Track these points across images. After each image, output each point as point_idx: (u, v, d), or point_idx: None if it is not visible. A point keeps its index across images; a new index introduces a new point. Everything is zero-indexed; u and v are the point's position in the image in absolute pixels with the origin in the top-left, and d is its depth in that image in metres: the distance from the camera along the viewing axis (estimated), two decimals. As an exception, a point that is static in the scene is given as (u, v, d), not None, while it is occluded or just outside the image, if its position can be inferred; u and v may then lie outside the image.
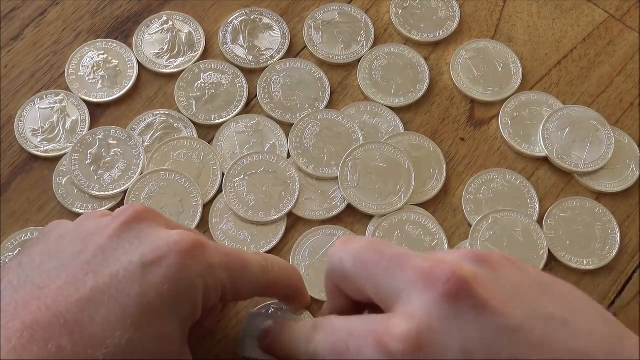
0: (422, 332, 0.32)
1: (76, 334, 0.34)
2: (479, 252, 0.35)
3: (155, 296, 0.36)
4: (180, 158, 0.52)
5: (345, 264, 0.37)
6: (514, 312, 0.32)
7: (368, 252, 0.36)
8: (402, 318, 0.33)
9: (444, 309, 0.32)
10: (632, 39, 0.58)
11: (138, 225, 0.38)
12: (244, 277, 0.40)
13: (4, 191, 0.51)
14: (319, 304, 0.48)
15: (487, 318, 0.32)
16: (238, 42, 0.57)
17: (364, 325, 0.34)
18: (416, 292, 0.33)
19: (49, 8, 0.58)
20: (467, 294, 0.32)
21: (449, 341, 0.32)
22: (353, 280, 0.37)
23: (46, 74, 0.55)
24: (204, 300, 0.38)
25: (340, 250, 0.37)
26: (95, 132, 0.53)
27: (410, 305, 0.33)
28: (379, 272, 0.35)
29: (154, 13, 0.58)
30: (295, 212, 0.51)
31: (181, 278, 0.36)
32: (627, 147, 0.54)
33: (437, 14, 0.59)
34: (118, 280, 0.36)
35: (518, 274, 0.35)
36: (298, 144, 0.53)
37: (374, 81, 0.56)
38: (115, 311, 0.35)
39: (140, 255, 0.36)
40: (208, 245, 0.39)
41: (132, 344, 0.35)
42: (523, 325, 0.32)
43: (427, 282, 0.33)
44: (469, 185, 0.52)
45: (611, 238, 0.51)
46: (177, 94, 0.54)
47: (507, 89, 0.56)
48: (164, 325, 0.36)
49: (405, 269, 0.34)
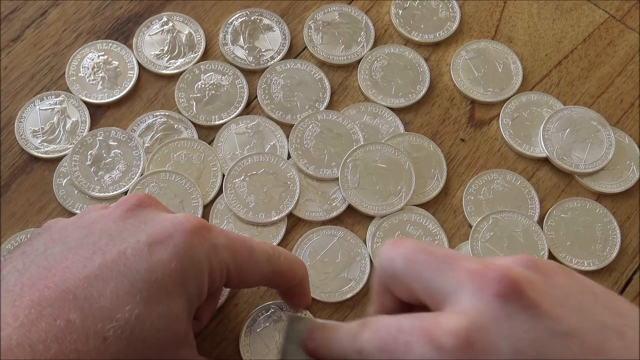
0: (473, 330, 0.31)
1: (85, 308, 0.34)
2: (532, 258, 0.35)
3: (163, 273, 0.36)
4: (181, 159, 0.52)
5: (396, 264, 0.36)
6: (566, 316, 0.32)
7: (418, 253, 0.36)
8: (452, 315, 0.32)
9: (495, 309, 0.32)
10: (633, 40, 0.58)
11: (142, 211, 0.39)
12: (249, 262, 0.40)
13: (4, 192, 0.51)
14: (320, 305, 0.48)
15: (539, 320, 0.31)
16: (238, 43, 0.57)
17: (414, 322, 0.34)
18: (467, 292, 0.33)
19: (49, 9, 0.58)
20: (518, 295, 0.32)
21: (500, 340, 0.31)
22: (403, 280, 0.36)
23: (46, 75, 0.55)
24: (209, 282, 0.38)
25: (390, 250, 0.37)
26: (96, 133, 0.53)
27: (461, 304, 0.33)
28: (429, 272, 0.35)
29: (154, 14, 0.58)
30: (295, 213, 0.51)
31: (188, 256, 0.37)
32: (627, 147, 0.54)
33: (437, 14, 0.59)
34: (126, 257, 0.36)
35: (572, 282, 0.35)
36: (298, 145, 0.53)
37: (374, 82, 0.56)
38: (125, 286, 0.35)
39: (147, 234, 0.37)
40: (213, 227, 0.39)
41: (142, 319, 0.35)
42: (576, 330, 0.31)
43: (479, 282, 0.33)
44: (470, 186, 0.52)
45: (611, 239, 0.51)
46: (177, 95, 0.54)
47: (507, 89, 0.56)
48: (172, 302, 0.36)
49: (456, 269, 0.34)
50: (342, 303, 0.48)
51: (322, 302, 0.48)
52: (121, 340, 0.34)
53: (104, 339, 0.34)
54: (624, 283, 0.50)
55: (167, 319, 0.36)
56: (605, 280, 0.50)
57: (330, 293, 0.48)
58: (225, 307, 0.48)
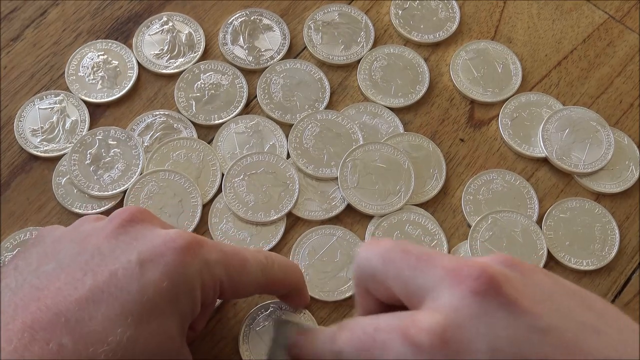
0: (449, 327, 0.31)
1: (77, 332, 0.34)
2: (509, 257, 0.35)
3: (155, 293, 0.36)
4: (180, 158, 0.52)
5: (373, 263, 0.36)
6: (544, 313, 0.32)
7: (395, 251, 0.36)
8: (429, 312, 0.32)
9: (472, 306, 0.32)
10: (632, 40, 0.58)
11: (134, 227, 0.39)
12: (242, 275, 0.40)
13: (4, 191, 0.51)
14: (319, 304, 0.48)
15: (517, 317, 0.31)
16: (238, 42, 0.57)
17: (391, 321, 0.34)
18: (444, 289, 0.33)
19: (49, 9, 0.58)
20: (496, 292, 0.32)
21: (477, 338, 0.31)
22: (381, 280, 0.36)
23: (46, 75, 0.55)
24: (202, 297, 0.38)
25: (368, 250, 0.37)
26: (95, 132, 0.53)
27: (438, 302, 0.33)
28: (407, 270, 0.35)
29: (154, 14, 0.58)
30: (294, 212, 0.51)
31: (179, 274, 0.37)
32: (626, 148, 0.54)
33: (437, 15, 0.59)
34: (117, 279, 0.36)
35: (550, 281, 0.34)
36: (298, 145, 0.53)
37: (373, 82, 0.56)
38: (115, 308, 0.35)
39: (138, 253, 0.37)
40: (205, 242, 0.39)
41: (134, 341, 0.35)
42: (554, 327, 0.31)
43: (456, 278, 0.33)
44: (469, 185, 0.52)
45: (610, 239, 0.51)
46: (176, 95, 0.54)
47: (506, 89, 0.56)
48: (165, 321, 0.36)
49: (433, 266, 0.34)
50: (341, 302, 0.48)
51: (321, 301, 0.48)
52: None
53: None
54: (622, 282, 0.50)
55: (159, 338, 0.36)
56: (604, 280, 0.50)
57: (329, 292, 0.48)
58: (224, 307, 0.48)
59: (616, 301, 0.49)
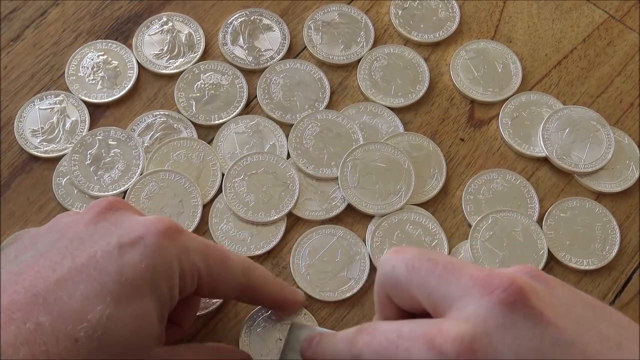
0: (477, 337, 0.31)
1: (55, 310, 0.34)
2: (535, 268, 0.35)
3: (134, 274, 0.36)
4: (180, 158, 0.52)
5: (398, 271, 0.36)
6: (568, 327, 0.32)
7: (421, 260, 0.35)
8: (456, 321, 0.32)
9: (499, 316, 0.32)
10: (632, 40, 0.58)
11: (113, 214, 0.39)
12: (222, 270, 0.40)
13: (4, 191, 0.51)
14: (319, 304, 0.48)
15: (542, 329, 0.31)
16: (238, 42, 0.57)
17: (415, 328, 0.33)
18: (472, 299, 0.33)
19: (49, 9, 0.58)
20: (524, 303, 0.32)
21: (503, 348, 0.31)
22: (405, 288, 0.36)
23: (46, 75, 0.55)
24: (180, 285, 0.38)
25: (393, 258, 0.36)
26: (95, 132, 0.53)
27: (465, 311, 0.32)
28: (432, 279, 0.34)
29: (154, 14, 0.58)
30: (295, 212, 0.51)
31: (158, 257, 0.37)
32: (626, 147, 0.54)
33: (437, 14, 0.59)
34: (96, 260, 0.36)
35: (572, 294, 0.35)
36: (298, 145, 0.53)
37: (373, 82, 0.56)
38: (95, 288, 0.35)
39: (117, 237, 0.37)
40: (185, 231, 0.39)
41: (113, 320, 0.35)
42: (577, 340, 0.31)
43: (484, 289, 0.32)
44: (469, 185, 0.52)
45: (611, 238, 0.51)
46: (176, 95, 0.54)
47: (507, 89, 0.56)
48: (143, 304, 0.36)
49: (460, 276, 0.34)
50: (342, 302, 0.48)
51: (322, 301, 0.48)
52: (93, 341, 0.34)
53: (75, 340, 0.34)
54: (623, 282, 0.50)
55: (138, 320, 0.36)
56: (605, 280, 0.50)
57: (329, 292, 0.48)
58: (225, 307, 0.48)
59: (616, 301, 0.49)
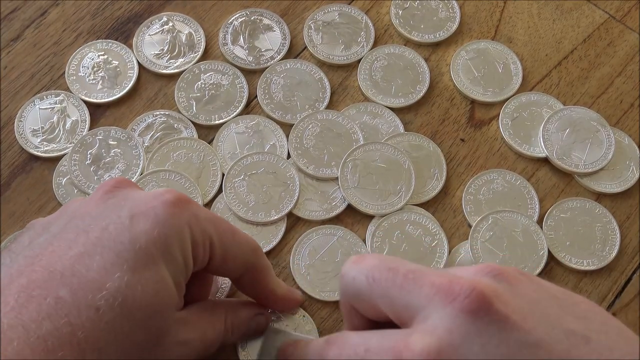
0: (444, 348, 0.31)
1: (74, 283, 0.34)
2: (495, 267, 0.35)
3: (147, 241, 0.36)
4: (180, 158, 0.52)
5: (359, 283, 0.36)
6: (534, 327, 0.32)
7: (381, 270, 0.35)
8: (422, 334, 0.32)
9: (464, 325, 0.32)
10: (632, 40, 0.58)
11: (122, 191, 0.39)
12: (232, 242, 0.40)
13: (4, 191, 0.51)
14: (320, 304, 0.48)
15: (508, 333, 0.31)
16: (238, 42, 0.57)
17: (382, 341, 0.33)
18: (435, 308, 0.33)
19: (49, 9, 0.58)
20: (487, 309, 0.32)
21: (471, 357, 0.31)
22: (367, 299, 0.36)
23: (46, 75, 0.55)
24: (194, 252, 0.38)
25: (352, 269, 0.37)
26: (95, 132, 0.53)
27: (430, 321, 0.32)
28: (394, 290, 0.34)
29: (154, 14, 0.58)
30: (295, 212, 0.51)
31: (169, 225, 0.37)
32: (627, 147, 0.54)
33: (437, 14, 0.59)
34: (109, 232, 0.36)
35: (535, 289, 0.35)
36: (298, 145, 0.53)
37: (374, 82, 0.56)
38: (110, 258, 0.35)
39: (128, 209, 0.37)
40: (194, 201, 0.40)
41: (132, 286, 0.35)
42: (544, 340, 0.32)
43: (447, 297, 0.32)
44: (469, 185, 0.52)
45: (611, 239, 0.51)
46: (177, 95, 0.54)
47: (507, 89, 0.56)
48: (159, 268, 0.36)
49: (421, 285, 0.34)
50: (342, 302, 0.48)
51: (322, 301, 0.48)
52: (114, 309, 0.34)
53: (97, 309, 0.34)
54: (623, 282, 0.50)
55: (156, 285, 0.36)
56: (605, 280, 0.50)
57: (329, 292, 0.48)
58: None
59: (617, 301, 0.49)
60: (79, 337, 0.33)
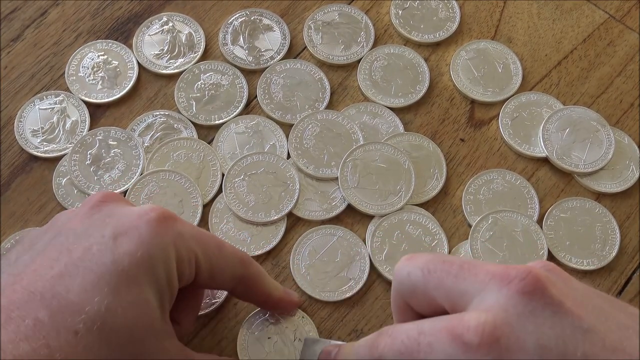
0: (499, 325, 0.31)
1: (54, 305, 0.34)
2: (549, 263, 0.35)
3: (130, 263, 0.36)
4: (180, 158, 0.52)
5: (414, 276, 0.36)
6: (587, 314, 0.32)
7: (436, 262, 0.36)
8: (476, 313, 0.32)
9: (520, 305, 0.32)
10: (632, 40, 0.58)
11: (107, 206, 0.39)
12: (219, 257, 0.40)
13: (4, 191, 0.51)
14: (320, 304, 0.48)
15: (562, 317, 0.32)
16: (238, 43, 0.57)
17: (436, 323, 0.33)
18: (490, 291, 0.33)
19: (49, 9, 0.58)
20: (542, 292, 0.32)
21: (525, 336, 0.31)
22: (423, 292, 0.36)
23: (46, 75, 0.55)
24: (178, 271, 0.38)
25: (407, 265, 0.37)
26: (95, 132, 0.53)
27: (485, 303, 0.33)
28: (449, 279, 0.35)
29: (154, 14, 0.58)
30: (295, 212, 0.51)
31: (153, 245, 0.37)
32: (627, 147, 0.54)
33: (437, 14, 0.59)
34: (92, 253, 0.36)
35: (587, 287, 0.35)
36: (298, 145, 0.53)
37: (374, 82, 0.56)
38: (92, 279, 0.35)
39: (112, 228, 0.37)
40: (179, 218, 0.39)
41: (112, 309, 0.35)
42: (597, 328, 0.32)
43: (502, 280, 0.33)
44: (469, 185, 0.52)
45: (611, 238, 0.51)
46: (177, 95, 0.54)
47: (507, 89, 0.56)
48: (142, 291, 0.36)
49: (477, 272, 0.34)
50: (342, 302, 0.48)
51: (322, 302, 0.48)
52: (92, 332, 0.34)
53: (75, 332, 0.34)
54: (623, 282, 0.50)
55: (138, 308, 0.36)
56: (605, 280, 0.50)
57: (329, 292, 0.48)
58: (225, 306, 0.48)
59: (617, 301, 0.49)
60: (56, 359, 0.33)
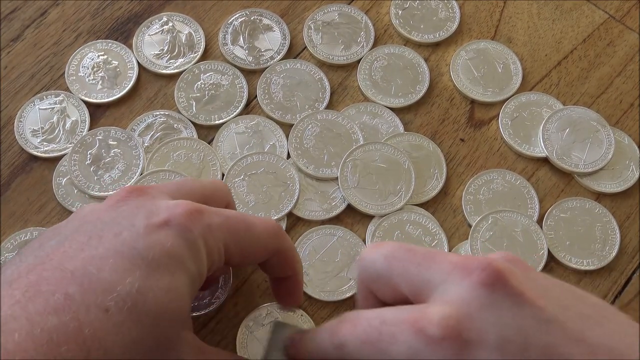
0: (461, 318, 0.32)
1: (85, 283, 0.34)
2: (511, 254, 0.36)
3: (161, 252, 0.36)
4: (180, 158, 0.52)
5: (378, 265, 0.36)
6: (548, 305, 0.32)
7: (400, 251, 0.36)
8: (439, 305, 0.33)
9: (481, 297, 0.32)
10: (632, 40, 0.58)
11: (135, 199, 0.39)
12: (250, 239, 0.40)
13: (4, 191, 0.51)
14: (320, 304, 0.48)
15: (523, 307, 0.32)
16: (238, 43, 0.57)
17: (398, 313, 0.34)
18: (452, 282, 0.33)
19: (49, 9, 0.58)
20: (503, 284, 0.32)
21: (487, 327, 0.32)
22: (386, 279, 0.36)
23: (46, 75, 0.55)
24: (208, 262, 0.38)
25: (372, 252, 0.37)
26: (95, 132, 0.53)
27: (447, 294, 0.33)
28: (412, 267, 0.35)
29: (154, 14, 0.58)
30: (295, 212, 0.51)
31: (183, 238, 0.37)
32: (627, 147, 0.54)
33: (437, 14, 0.59)
34: (123, 238, 0.36)
35: (548, 279, 0.35)
36: (298, 145, 0.53)
37: (373, 82, 0.56)
38: (123, 263, 0.35)
39: (142, 218, 0.37)
40: (207, 209, 0.39)
41: (143, 292, 0.34)
42: (558, 318, 0.32)
43: (464, 271, 0.33)
44: (469, 185, 0.52)
45: (611, 238, 0.51)
46: (177, 95, 0.54)
47: (507, 89, 0.56)
48: (174, 278, 0.36)
49: (440, 262, 0.34)
50: (342, 302, 0.48)
51: (322, 301, 0.48)
52: (123, 312, 0.34)
53: (105, 310, 0.33)
54: (623, 282, 0.50)
55: (170, 294, 0.35)
56: (605, 280, 0.50)
57: (329, 292, 0.48)
58: (225, 307, 0.48)
59: (616, 301, 0.49)
60: (85, 334, 0.32)
